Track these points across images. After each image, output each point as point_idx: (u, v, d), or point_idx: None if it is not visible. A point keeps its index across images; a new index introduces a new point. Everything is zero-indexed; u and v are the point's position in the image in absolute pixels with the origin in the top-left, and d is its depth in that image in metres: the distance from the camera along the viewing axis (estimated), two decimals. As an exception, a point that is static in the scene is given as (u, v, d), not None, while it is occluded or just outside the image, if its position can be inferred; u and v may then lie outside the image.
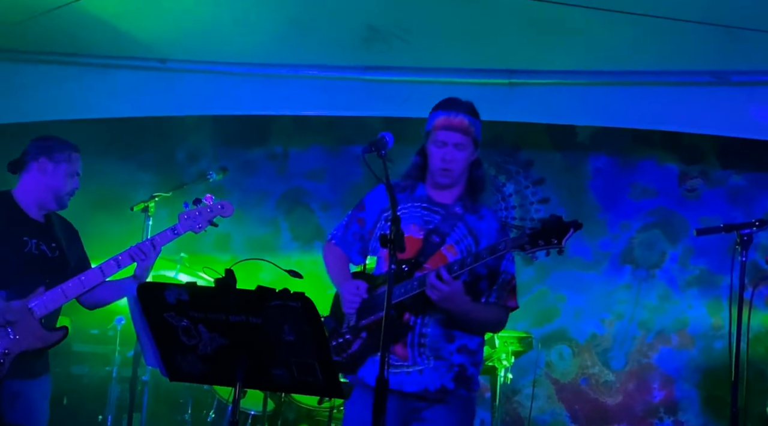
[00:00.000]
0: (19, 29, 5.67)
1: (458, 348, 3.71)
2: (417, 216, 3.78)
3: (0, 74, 6.25)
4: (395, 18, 5.24)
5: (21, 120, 6.08)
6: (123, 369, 5.75)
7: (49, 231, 4.44)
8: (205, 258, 6.56)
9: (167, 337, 3.01)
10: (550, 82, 5.76)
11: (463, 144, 3.72)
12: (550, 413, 6.27)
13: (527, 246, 3.40)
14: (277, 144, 6.98)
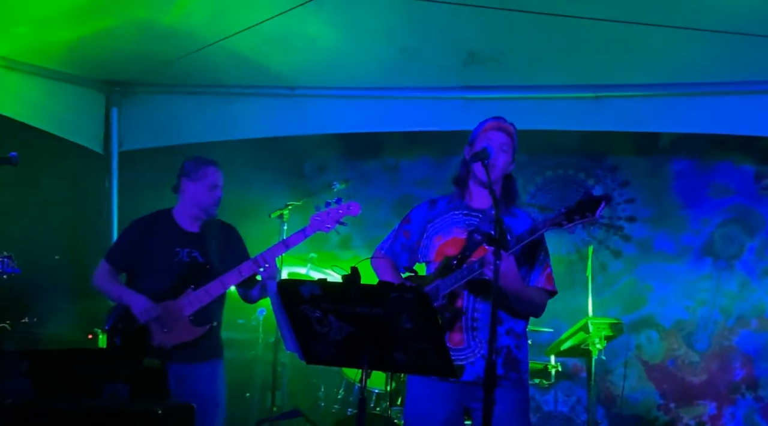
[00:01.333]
0: (173, 66, 5.91)
1: (506, 330, 3.72)
2: (459, 221, 3.81)
3: (157, 105, 6.49)
4: (492, 43, 5.29)
5: (175, 143, 6.31)
6: (265, 353, 5.94)
7: (201, 240, 4.67)
8: (331, 256, 6.75)
9: (303, 327, 3.08)
10: (633, 95, 5.71)
11: (507, 147, 3.76)
12: (640, 391, 6.24)
13: (564, 222, 3.38)
14: (390, 157, 7.09)
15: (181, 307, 4.48)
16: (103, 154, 6.54)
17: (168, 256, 4.63)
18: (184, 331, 4.47)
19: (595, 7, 4.63)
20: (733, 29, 4.68)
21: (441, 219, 3.87)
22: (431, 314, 2.89)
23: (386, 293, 2.89)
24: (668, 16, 4.65)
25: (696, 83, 5.58)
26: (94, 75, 6.37)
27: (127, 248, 4.77)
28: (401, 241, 4.01)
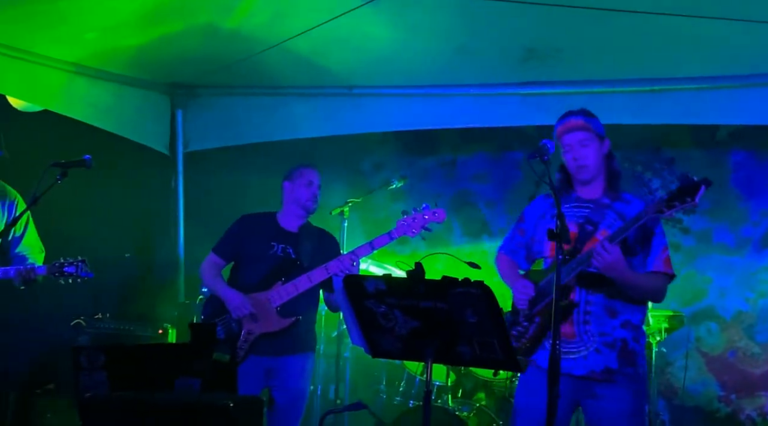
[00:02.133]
0: (235, 68, 5.94)
1: (622, 323, 3.64)
2: (570, 214, 3.74)
3: (219, 106, 6.55)
4: (550, 39, 5.22)
5: (238, 143, 6.36)
6: (328, 347, 5.95)
7: (297, 239, 4.82)
8: (390, 251, 6.72)
9: (369, 321, 3.10)
10: (691, 88, 5.58)
11: (586, 139, 3.71)
12: (701, 383, 6.14)
13: (665, 209, 3.34)
14: (446, 153, 7.04)
15: (270, 299, 4.64)
16: (169, 154, 6.63)
17: (264, 249, 4.80)
18: (270, 322, 4.61)
19: (652, 2, 4.54)
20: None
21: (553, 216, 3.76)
22: (496, 309, 2.87)
23: (451, 288, 2.88)
24: (724, 8, 4.53)
25: (754, 75, 5.44)
26: (159, 78, 6.44)
27: (231, 240, 4.96)
28: (517, 240, 4.00)
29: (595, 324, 3.62)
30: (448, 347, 3.00)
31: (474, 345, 2.95)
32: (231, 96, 6.53)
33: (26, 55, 5.52)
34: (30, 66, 5.58)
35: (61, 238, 5.21)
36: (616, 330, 3.63)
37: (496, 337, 2.89)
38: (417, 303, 2.96)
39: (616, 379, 3.60)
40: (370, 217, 6.83)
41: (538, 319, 3.68)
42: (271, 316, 4.61)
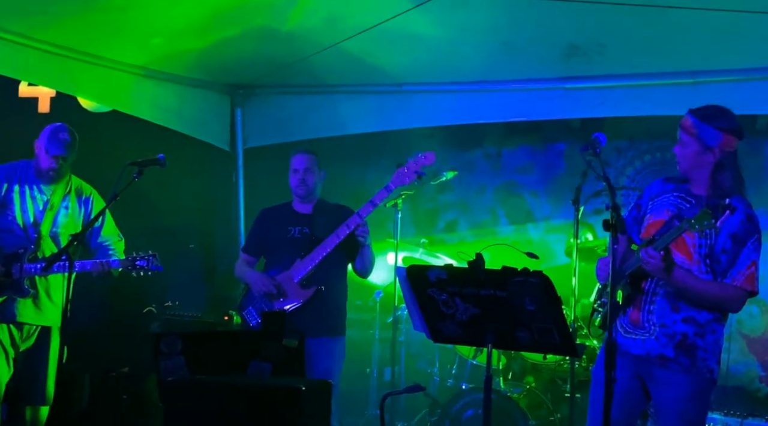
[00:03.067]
0: (290, 69, 6.01)
1: (684, 319, 3.57)
2: (671, 203, 3.69)
3: (276, 105, 6.62)
4: (593, 36, 5.20)
5: (294, 139, 6.39)
6: (383, 332, 6.01)
7: (311, 218, 4.90)
8: (440, 240, 6.76)
9: (430, 308, 3.15)
10: (730, 79, 5.48)
11: (684, 141, 3.65)
12: (743, 364, 6.06)
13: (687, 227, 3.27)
14: (491, 145, 7.02)
15: (292, 276, 4.72)
16: (230, 151, 6.72)
17: (283, 234, 4.90)
18: (296, 295, 4.70)
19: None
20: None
21: (661, 198, 3.78)
22: (555, 297, 2.90)
23: (510, 277, 2.91)
24: (762, 3, 4.47)
25: (795, 65, 5.35)
26: (219, 79, 6.53)
27: (255, 236, 5.11)
28: (633, 214, 3.92)
29: (657, 314, 3.60)
30: (507, 333, 3.04)
31: (533, 331, 2.98)
32: (286, 95, 6.60)
33: (97, 60, 5.63)
34: (101, 69, 5.69)
35: (132, 231, 5.31)
36: (677, 324, 3.57)
37: (554, 324, 2.92)
38: (477, 291, 3.00)
39: (669, 366, 3.56)
40: (419, 207, 6.85)
41: (606, 301, 3.69)
42: (296, 290, 4.69)
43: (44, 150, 4.84)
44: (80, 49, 5.50)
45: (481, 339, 3.10)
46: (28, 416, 4.91)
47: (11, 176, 4.93)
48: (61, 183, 4.98)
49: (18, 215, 4.87)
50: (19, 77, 6.23)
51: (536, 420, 5.03)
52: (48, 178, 4.91)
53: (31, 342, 4.87)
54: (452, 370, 5.54)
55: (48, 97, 7.04)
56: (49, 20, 5.09)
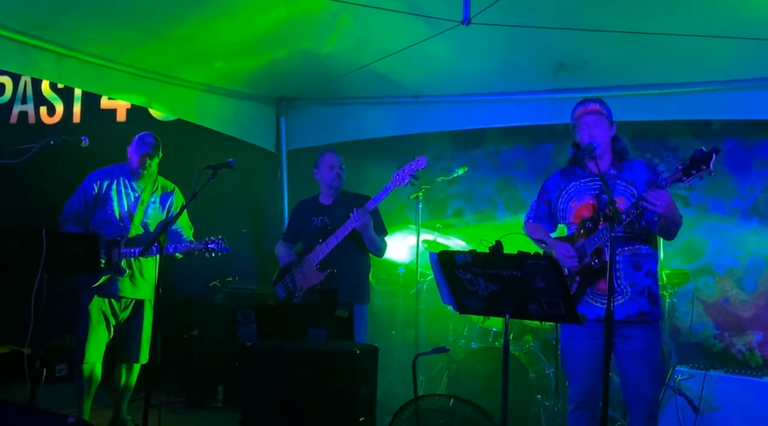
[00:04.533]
0: (324, 85, 6.05)
1: (645, 273, 3.58)
2: (586, 188, 3.72)
3: (314, 114, 6.64)
4: (577, 55, 5.20)
5: (329, 142, 6.38)
6: (405, 301, 6.01)
7: (332, 209, 4.91)
8: (448, 224, 6.77)
9: (457, 286, 3.16)
10: (691, 91, 5.50)
11: (599, 121, 3.67)
12: (700, 324, 6.09)
13: (684, 178, 3.25)
14: (491, 146, 7.01)
15: (311, 260, 4.72)
16: (275, 152, 6.76)
17: (309, 224, 4.92)
18: (313, 277, 4.69)
19: (660, 24, 4.50)
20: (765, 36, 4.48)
21: (572, 186, 3.79)
22: (561, 276, 2.91)
23: (524, 260, 2.92)
24: (719, 29, 4.49)
25: (740, 79, 5.38)
26: (267, 93, 6.56)
27: (290, 226, 5.17)
28: (543, 209, 3.93)
29: (625, 278, 3.58)
30: (521, 306, 3.04)
31: (542, 304, 2.99)
32: (322, 106, 6.61)
33: (169, 79, 5.68)
34: (170, 86, 5.74)
35: (197, 220, 5.37)
36: (642, 279, 3.59)
37: (561, 298, 2.93)
38: (496, 272, 3.00)
39: (647, 319, 3.56)
40: (433, 197, 6.88)
41: (578, 278, 3.64)
42: (314, 273, 4.68)
43: (135, 152, 4.95)
44: (155, 70, 5.55)
45: (499, 311, 3.11)
46: (123, 372, 5.00)
47: (110, 177, 5.02)
48: (150, 181, 5.06)
49: (115, 208, 4.96)
50: (102, 93, 6.28)
51: (534, 373, 5.07)
52: (139, 176, 5.00)
53: (128, 312, 4.97)
54: (464, 332, 5.56)
55: (125, 109, 7.09)
56: (128, 46, 5.13)
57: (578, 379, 3.65)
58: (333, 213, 4.89)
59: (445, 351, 3.77)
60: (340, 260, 4.73)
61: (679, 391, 4.63)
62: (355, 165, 6.33)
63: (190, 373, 5.86)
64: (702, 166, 3.23)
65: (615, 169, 3.69)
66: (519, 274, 2.95)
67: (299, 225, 5.06)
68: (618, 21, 4.53)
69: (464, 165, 6.08)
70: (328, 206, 4.97)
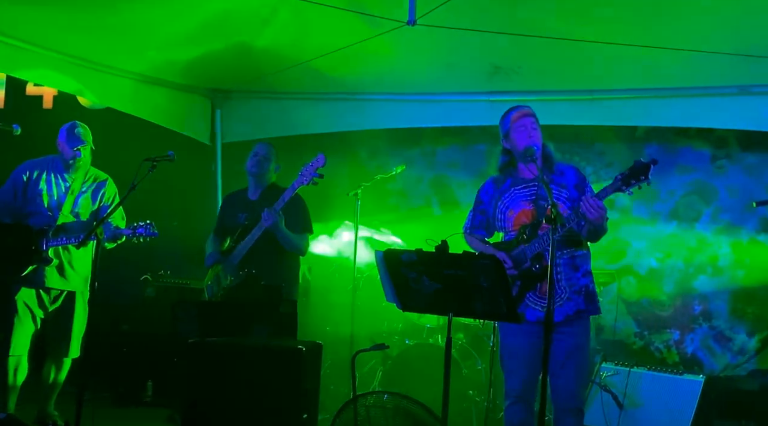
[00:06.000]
0: (261, 78, 5.98)
1: (583, 273, 3.70)
2: (521, 195, 3.77)
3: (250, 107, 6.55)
4: (512, 59, 5.32)
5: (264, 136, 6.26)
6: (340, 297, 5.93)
7: (258, 205, 4.84)
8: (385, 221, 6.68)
9: (402, 284, 3.17)
10: (618, 97, 5.73)
11: (536, 125, 3.78)
12: (622, 322, 6.30)
13: (623, 187, 3.34)
14: (427, 145, 7.09)
15: (233, 258, 4.69)
16: (210, 145, 6.65)
17: (234, 220, 4.88)
18: (235, 275, 4.65)
19: (591, 32, 4.67)
20: (693, 48, 4.73)
21: (507, 195, 3.83)
22: (504, 276, 2.97)
23: (468, 260, 2.98)
24: (643, 37, 4.68)
25: (665, 88, 5.63)
26: (203, 85, 6.45)
27: (219, 220, 5.12)
28: (479, 219, 3.98)
29: (565, 280, 3.66)
30: (465, 303, 3.08)
31: (485, 302, 3.03)
32: (258, 99, 6.54)
33: (101, 67, 5.53)
34: (103, 75, 5.59)
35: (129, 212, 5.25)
36: (580, 279, 3.69)
37: (503, 297, 2.99)
38: (441, 270, 3.03)
39: (583, 316, 3.65)
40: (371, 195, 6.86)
41: (519, 283, 3.69)
42: (235, 271, 4.65)
43: (66, 144, 4.81)
44: (87, 57, 5.39)
45: (442, 309, 3.15)
46: (52, 367, 4.86)
47: (41, 167, 4.91)
48: (81, 172, 4.94)
49: (45, 199, 4.83)
50: (30, 79, 6.05)
51: (467, 369, 5.18)
52: (70, 168, 4.88)
53: (58, 304, 4.84)
54: (399, 329, 5.62)
55: (51, 96, 6.86)
56: (58, 32, 4.97)
57: (516, 376, 3.74)
58: (256, 210, 4.84)
59: (384, 348, 3.81)
60: (260, 259, 4.69)
61: (605, 388, 4.83)
62: (290, 160, 6.30)
63: (119, 368, 5.74)
64: (641, 177, 3.33)
65: (547, 173, 3.75)
66: (463, 274, 3.00)
67: (226, 220, 5.02)
68: (553, 27, 4.66)
69: (401, 163, 6.11)
70: (254, 202, 4.92)
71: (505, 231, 3.85)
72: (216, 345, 3.25)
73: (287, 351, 3.13)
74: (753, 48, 4.64)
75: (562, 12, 4.48)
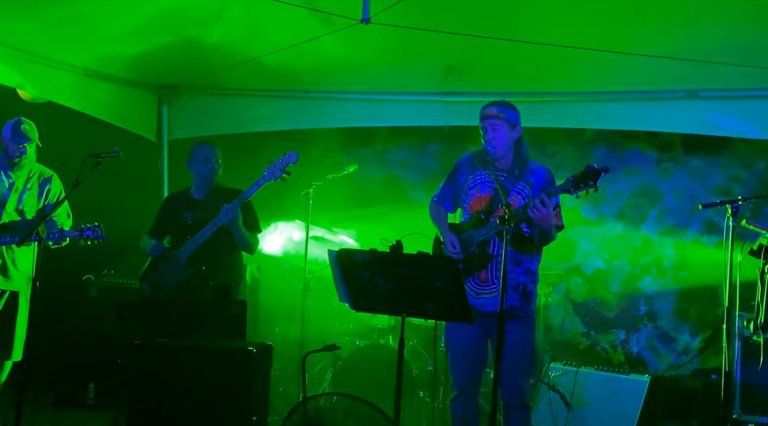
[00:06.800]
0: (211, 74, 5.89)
1: (524, 270, 3.74)
2: (488, 180, 3.83)
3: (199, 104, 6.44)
4: (466, 59, 5.35)
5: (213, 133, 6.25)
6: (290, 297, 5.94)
7: (204, 204, 4.79)
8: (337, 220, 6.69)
9: (355, 284, 3.17)
10: (569, 100, 5.83)
11: (497, 125, 3.80)
12: (569, 322, 6.41)
13: (572, 189, 3.43)
14: (379, 145, 7.10)
15: (178, 255, 4.59)
16: (156, 142, 6.52)
17: (179, 219, 4.80)
18: (181, 274, 4.56)
19: (543, 34, 4.73)
20: (642, 52, 4.81)
21: (478, 174, 3.87)
22: (458, 276, 3.00)
23: (423, 260, 2.99)
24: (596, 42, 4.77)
25: (613, 91, 5.73)
26: (149, 80, 6.32)
27: (158, 222, 5.00)
28: (450, 188, 4.00)
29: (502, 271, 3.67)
30: (418, 304, 3.10)
31: (439, 303, 3.05)
32: (208, 96, 6.43)
33: (44, 60, 5.37)
34: (46, 68, 5.43)
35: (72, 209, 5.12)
36: (519, 276, 3.74)
37: (456, 297, 3.01)
38: (395, 271, 3.04)
39: (517, 314, 3.70)
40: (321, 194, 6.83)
41: (461, 266, 3.70)
42: (180, 269, 4.57)
43: (11, 141, 4.67)
44: (28, 50, 5.22)
45: (396, 310, 3.15)
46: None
47: None
48: (25, 169, 4.79)
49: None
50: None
51: (417, 370, 5.20)
52: (15, 166, 4.74)
53: (1, 305, 4.66)
54: (349, 329, 5.61)
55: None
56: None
57: (459, 368, 3.79)
58: (204, 208, 4.76)
59: (335, 349, 3.79)
60: (210, 257, 4.61)
61: (553, 388, 4.90)
62: (239, 159, 6.23)
63: (61, 370, 5.59)
64: (590, 182, 3.40)
65: (518, 169, 3.83)
66: (417, 273, 3.01)
67: (168, 219, 4.91)
68: (507, 29, 4.71)
69: (353, 162, 6.09)
70: (199, 201, 4.85)
71: (464, 210, 3.91)
72: (162, 346, 3.17)
73: (236, 352, 3.08)
74: (701, 53, 4.77)
75: (515, 14, 4.52)
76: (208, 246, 4.58)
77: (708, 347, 6.12)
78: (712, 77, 5.14)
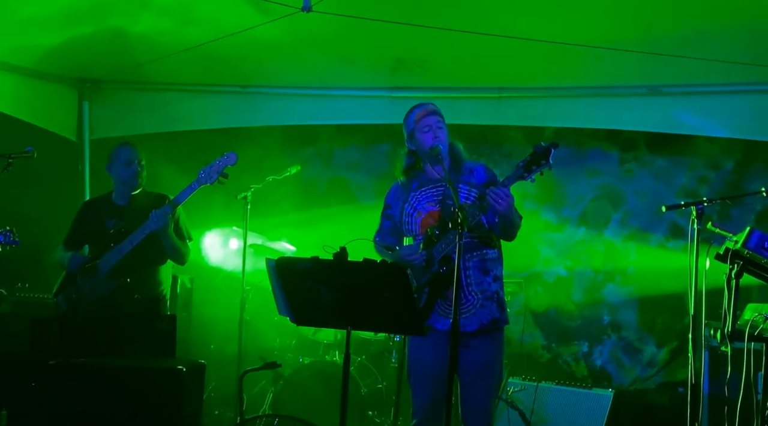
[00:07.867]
0: (137, 67, 5.80)
1: (493, 278, 3.74)
2: (429, 195, 3.82)
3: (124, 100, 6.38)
4: (416, 53, 5.39)
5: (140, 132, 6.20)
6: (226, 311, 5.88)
7: (127, 211, 4.72)
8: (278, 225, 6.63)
9: (296, 294, 3.13)
10: (527, 96, 5.92)
11: (441, 124, 3.83)
12: (529, 335, 6.43)
13: (525, 174, 3.45)
14: (324, 144, 7.08)
15: (100, 267, 4.51)
16: (77, 141, 6.40)
17: (99, 227, 4.70)
18: (102, 287, 4.49)
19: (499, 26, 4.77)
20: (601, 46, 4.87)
21: (413, 197, 3.86)
22: (408, 286, 2.98)
23: (371, 268, 2.97)
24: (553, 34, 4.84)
25: (574, 87, 5.83)
26: (68, 73, 6.21)
27: (75, 230, 4.88)
28: (386, 225, 4.00)
29: (475, 284, 3.69)
30: (365, 316, 3.08)
31: (388, 314, 3.04)
32: (134, 91, 6.35)
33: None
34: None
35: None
36: (491, 284, 3.74)
37: (406, 309, 3.00)
38: (339, 279, 3.02)
39: (498, 326, 3.70)
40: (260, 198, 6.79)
41: (428, 290, 3.70)
42: (102, 282, 4.50)
43: None
44: None
45: (341, 322, 3.13)
46: None
47: None
48: None
49: None
50: None
51: (366, 388, 5.19)
52: None
53: None
54: (292, 345, 5.59)
55: None
56: None
57: (423, 393, 3.74)
58: (129, 215, 4.70)
59: (276, 366, 3.76)
60: (135, 268, 4.55)
61: (511, 404, 4.95)
62: (168, 160, 6.15)
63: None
64: (542, 161, 3.44)
65: (455, 173, 3.81)
66: (364, 283, 3.00)
67: (87, 227, 4.80)
68: (458, 20, 4.74)
69: (296, 163, 6.06)
70: (123, 207, 4.78)
71: (414, 235, 3.88)
72: (82, 366, 3.11)
73: (164, 372, 3.03)
74: (663, 46, 4.86)
75: (470, 4, 4.57)
76: (134, 256, 4.51)
77: (675, 359, 6.23)
78: (675, 72, 5.27)
